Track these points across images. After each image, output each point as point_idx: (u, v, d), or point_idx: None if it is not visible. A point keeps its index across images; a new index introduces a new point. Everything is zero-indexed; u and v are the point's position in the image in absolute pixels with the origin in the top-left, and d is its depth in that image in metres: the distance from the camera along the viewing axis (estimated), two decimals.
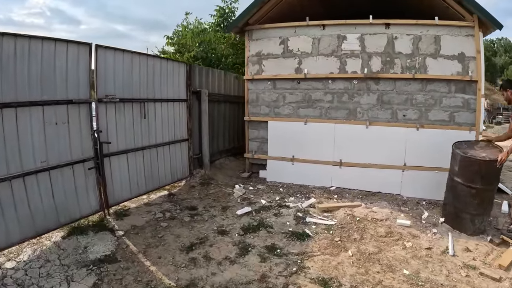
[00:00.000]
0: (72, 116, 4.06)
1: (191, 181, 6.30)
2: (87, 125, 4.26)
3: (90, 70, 4.28)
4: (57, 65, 3.87)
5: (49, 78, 3.79)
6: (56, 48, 3.86)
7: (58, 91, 3.89)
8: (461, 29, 5.07)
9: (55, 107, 3.85)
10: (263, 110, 6.33)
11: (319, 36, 5.73)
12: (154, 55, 5.36)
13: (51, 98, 3.81)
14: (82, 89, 4.17)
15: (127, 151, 4.88)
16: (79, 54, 4.13)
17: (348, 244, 3.85)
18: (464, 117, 5.21)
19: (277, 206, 5.17)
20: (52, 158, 3.77)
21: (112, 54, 4.58)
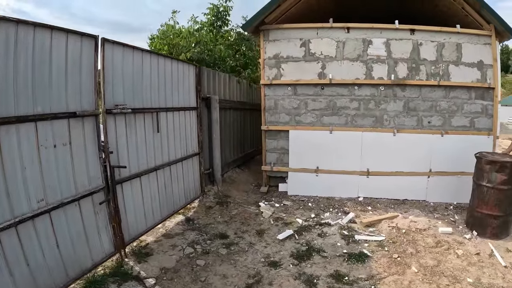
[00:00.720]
0: (74, 135, 2.63)
1: (204, 200, 5.01)
2: (94, 145, 2.84)
3: (96, 71, 2.81)
4: (54, 63, 2.44)
5: (43, 81, 2.36)
6: (53, 40, 2.42)
7: (56, 100, 2.48)
8: (479, 38, 4.83)
9: (53, 123, 2.43)
10: (283, 118, 5.34)
11: (344, 39, 4.98)
12: (164, 55, 3.97)
13: (46, 110, 2.39)
14: (86, 97, 2.75)
15: (140, 174, 3.51)
16: (82, 49, 2.70)
17: (407, 259, 3.43)
18: (483, 122, 5.01)
19: (316, 225, 4.34)
20: (51, 194, 2.41)
21: (120, 51, 3.16)
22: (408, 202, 5.12)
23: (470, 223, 4.10)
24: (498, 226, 3.80)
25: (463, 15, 4.84)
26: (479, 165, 4.02)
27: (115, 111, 2.98)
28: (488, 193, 3.83)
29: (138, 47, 3.43)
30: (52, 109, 2.37)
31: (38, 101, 2.25)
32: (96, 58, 2.78)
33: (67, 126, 2.51)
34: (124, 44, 3.20)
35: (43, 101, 2.29)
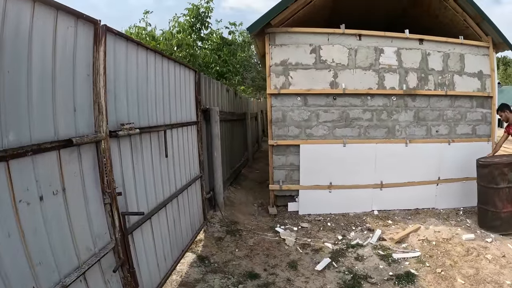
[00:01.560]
0: (69, 175, 1.62)
1: (210, 230, 4.09)
2: (96, 187, 1.87)
3: (98, 75, 1.83)
4: (35, 58, 1.43)
5: (14, 91, 1.32)
6: (34, 21, 1.40)
7: (37, 122, 1.43)
8: (479, 49, 4.80)
9: (35, 161, 1.40)
10: (292, 131, 4.66)
11: (356, 47, 4.53)
12: (168, 56, 3.02)
13: (23, 140, 1.35)
14: (82, 114, 1.77)
15: (150, 215, 2.50)
16: (77, 39, 1.71)
17: (450, 272, 3.31)
18: (483, 129, 4.98)
19: (348, 247, 3.86)
20: (45, 276, 1.40)
21: (123, 48, 2.21)
22: (420, 211, 4.91)
23: (496, 226, 4.05)
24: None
25: (463, 26, 4.76)
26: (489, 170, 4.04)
27: (121, 133, 1.99)
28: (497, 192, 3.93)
29: (143, 44, 2.46)
30: (34, 137, 1.35)
31: (9, 125, 1.24)
32: (98, 54, 1.80)
33: (57, 162, 1.49)
34: (128, 38, 2.22)
35: (16, 124, 1.27)
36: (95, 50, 1.78)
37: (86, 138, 1.61)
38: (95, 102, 1.78)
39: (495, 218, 4.01)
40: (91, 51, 1.78)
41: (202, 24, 6.99)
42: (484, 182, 4.10)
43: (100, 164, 1.80)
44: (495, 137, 5.04)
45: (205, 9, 6.82)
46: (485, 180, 4.06)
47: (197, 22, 6.89)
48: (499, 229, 4.01)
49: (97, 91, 1.78)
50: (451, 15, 4.75)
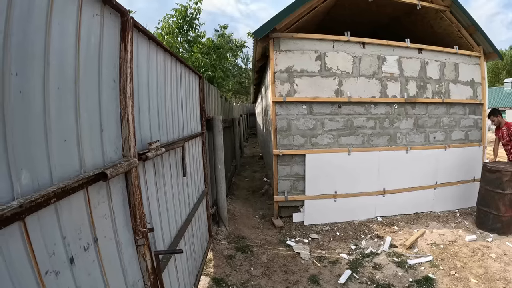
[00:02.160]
0: (100, 219, 1.22)
1: (218, 247, 3.74)
2: (127, 226, 1.45)
3: (124, 80, 1.43)
4: (53, 56, 1.01)
5: (31, 105, 0.91)
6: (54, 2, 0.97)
7: (59, 151, 1.01)
8: (471, 58, 4.94)
9: (61, 208, 0.98)
10: (297, 140, 4.41)
11: (360, 55, 4.42)
12: (181, 58, 2.60)
13: (42, 181, 0.95)
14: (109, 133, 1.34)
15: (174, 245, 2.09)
16: (103, 32, 1.31)
17: (462, 273, 3.37)
18: (475, 135, 5.13)
19: (363, 257, 3.77)
20: None
21: (145, 47, 1.84)
22: (421, 215, 4.95)
23: (497, 228, 4.18)
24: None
25: (457, 37, 4.88)
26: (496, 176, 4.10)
27: (150, 154, 1.58)
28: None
29: (162, 44, 2.05)
30: (55, 174, 0.94)
31: (19, 161, 0.82)
32: (125, 55, 1.38)
33: (86, 206, 1.08)
34: (150, 36, 1.82)
35: (30, 158, 0.86)
36: (123, 49, 1.38)
37: (120, 168, 1.21)
38: (124, 117, 1.37)
39: (497, 221, 4.16)
40: (117, 50, 1.38)
41: (190, 26, 6.53)
42: (490, 186, 4.17)
43: (131, 197, 1.38)
44: (486, 141, 5.23)
45: (194, 10, 6.37)
46: (492, 185, 4.14)
47: (184, 23, 6.42)
48: (499, 232, 4.16)
49: (125, 102, 1.37)
50: (446, 26, 4.85)
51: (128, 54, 1.40)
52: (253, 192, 6.55)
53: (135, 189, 1.43)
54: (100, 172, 1.09)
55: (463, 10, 4.56)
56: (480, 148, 5.15)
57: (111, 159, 1.28)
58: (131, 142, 1.40)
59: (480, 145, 5.16)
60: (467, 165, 5.09)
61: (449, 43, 5.00)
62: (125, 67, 1.38)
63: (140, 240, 1.46)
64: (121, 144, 1.37)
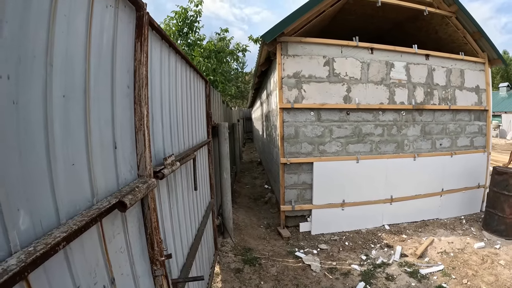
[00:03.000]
0: (116, 254, 0.97)
1: (224, 260, 3.51)
2: (143, 257, 1.21)
3: (140, 86, 1.19)
4: (58, 54, 0.78)
5: (30, 117, 0.67)
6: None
7: (66, 179, 0.77)
8: (476, 64, 4.86)
9: (72, 251, 0.75)
10: (305, 148, 4.21)
11: (368, 60, 4.27)
12: (190, 62, 2.37)
13: (46, 221, 0.70)
14: (123, 150, 1.10)
15: (187, 266, 1.85)
16: (117, 28, 1.06)
17: (474, 281, 3.29)
18: (479, 141, 5.03)
19: (375, 267, 3.61)
20: None
21: (158, 49, 1.61)
22: (428, 223, 4.82)
23: (500, 230, 4.15)
24: None
25: (462, 43, 4.79)
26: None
27: (166, 171, 1.34)
28: None
29: (175, 45, 1.82)
30: (62, 209, 0.72)
31: (16, 198, 0.59)
32: (141, 56, 1.16)
33: (100, 243, 0.84)
34: (163, 35, 1.59)
35: (31, 192, 0.63)
36: (139, 50, 1.15)
37: (139, 193, 0.98)
38: (139, 130, 1.14)
39: (501, 223, 4.10)
40: (131, 50, 1.15)
41: (190, 29, 6.31)
42: (497, 188, 4.16)
43: (147, 222, 1.15)
44: (490, 147, 5.13)
45: (194, 13, 6.15)
46: (499, 186, 4.12)
47: (184, 26, 6.19)
48: (502, 234, 4.11)
49: (141, 112, 1.15)
50: (451, 32, 4.76)
51: (144, 55, 1.18)
52: (255, 200, 6.31)
53: (151, 213, 1.20)
54: (117, 201, 0.86)
55: (469, 16, 4.48)
56: (484, 154, 5.06)
57: (125, 181, 1.05)
58: (147, 159, 1.17)
59: (485, 151, 5.06)
60: (472, 172, 4.98)
61: (453, 49, 4.91)
62: (140, 70, 1.15)
63: (158, 270, 1.23)
64: (135, 162, 1.14)
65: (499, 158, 7.59)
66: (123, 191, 0.96)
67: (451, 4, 4.57)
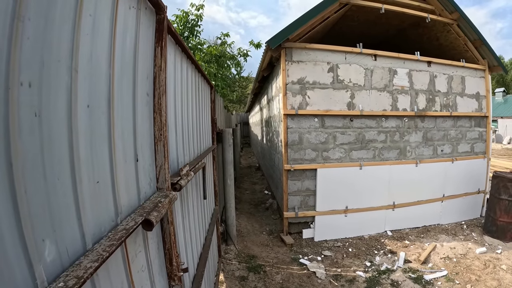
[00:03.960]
0: (138, 275, 0.88)
1: (228, 268, 3.43)
2: (161, 273, 1.15)
3: (160, 94, 1.11)
4: (83, 57, 0.70)
5: (51, 133, 0.59)
6: None
7: (92, 200, 0.69)
8: (476, 71, 4.89)
9: (98, 279, 0.64)
10: (309, 155, 4.16)
11: (372, 67, 4.26)
12: (199, 67, 2.31)
13: (72, 248, 0.63)
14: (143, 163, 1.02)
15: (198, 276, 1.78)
16: (139, 30, 0.98)
17: (477, 286, 3.30)
18: (480, 147, 5.05)
19: (379, 274, 3.58)
20: None
21: (172, 54, 1.52)
22: (429, 228, 4.80)
23: (492, 231, 4.27)
24: None
25: (463, 50, 4.83)
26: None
27: (182, 182, 1.27)
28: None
29: (187, 50, 1.75)
30: (88, 232, 0.65)
31: (41, 225, 0.51)
32: (161, 62, 1.09)
33: (124, 265, 0.77)
34: (178, 40, 1.53)
35: (57, 219, 0.55)
36: (159, 55, 1.08)
37: (163, 208, 0.90)
38: (159, 140, 1.07)
39: (493, 225, 4.22)
40: (151, 55, 1.08)
41: (191, 33, 6.25)
42: (492, 191, 4.25)
43: (166, 237, 1.08)
44: (490, 153, 5.15)
45: (195, 17, 6.09)
46: (493, 189, 4.22)
47: (185, 30, 6.13)
48: (493, 235, 4.20)
49: (160, 122, 1.08)
50: (452, 39, 4.80)
51: (164, 60, 1.11)
52: (256, 206, 6.23)
53: (170, 227, 1.12)
54: (142, 219, 0.79)
55: (471, 24, 4.52)
56: (484, 160, 5.08)
57: (146, 195, 0.98)
58: (166, 171, 1.10)
59: (485, 157, 5.08)
60: (472, 177, 4.99)
61: (453, 56, 4.94)
62: (160, 77, 1.09)
63: (176, 286, 1.15)
64: (155, 174, 1.07)
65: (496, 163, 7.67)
66: (146, 207, 0.89)
67: (453, 11, 4.61)
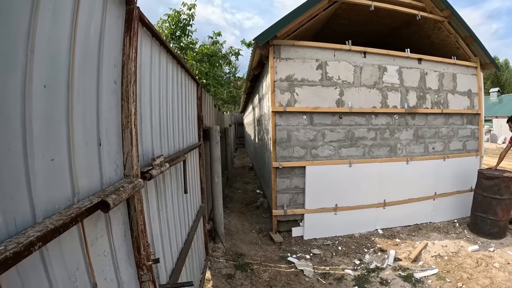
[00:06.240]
0: (99, 258, 0.96)
1: (216, 266, 3.47)
2: (129, 261, 1.18)
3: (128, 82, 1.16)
4: (40, 43, 0.75)
5: (4, 114, 0.62)
6: None
7: (45, 176, 0.75)
8: (468, 69, 4.99)
9: (49, 253, 0.72)
10: (297, 152, 4.22)
11: (361, 64, 4.34)
12: (182, 62, 2.35)
13: (20, 220, 0.67)
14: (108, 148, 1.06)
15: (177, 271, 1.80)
16: (106, 20, 1.04)
17: (469, 285, 3.33)
18: (472, 144, 5.15)
19: (369, 272, 3.63)
20: None
21: (148, 45, 1.59)
22: (421, 226, 4.87)
23: (494, 233, 4.29)
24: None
25: (455, 47, 4.93)
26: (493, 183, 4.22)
27: (154, 172, 1.31)
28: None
29: (165, 43, 1.80)
30: (39, 207, 0.70)
31: None
32: (130, 51, 1.14)
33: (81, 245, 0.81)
34: (154, 33, 1.57)
35: (5, 192, 0.59)
36: (127, 44, 1.13)
37: (124, 193, 0.95)
38: (126, 127, 1.11)
39: (495, 226, 4.22)
40: (120, 45, 1.13)
41: (182, 32, 6.31)
42: (487, 193, 4.26)
43: (134, 226, 1.12)
44: (482, 151, 5.25)
45: (187, 16, 6.16)
46: (490, 191, 4.22)
47: (177, 29, 6.19)
48: (495, 236, 4.23)
49: (128, 109, 1.12)
50: (444, 36, 4.90)
51: (133, 50, 1.16)
52: (247, 205, 6.27)
53: (138, 215, 1.16)
54: (99, 201, 0.83)
55: (462, 21, 4.62)
56: (477, 158, 5.17)
57: (110, 180, 1.02)
58: (134, 159, 1.14)
59: (477, 155, 5.18)
60: (464, 175, 5.07)
61: (445, 54, 5.03)
62: (129, 65, 1.13)
63: (145, 275, 1.19)
64: (122, 161, 1.11)
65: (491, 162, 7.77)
66: (107, 191, 0.93)
67: (444, 9, 4.71)
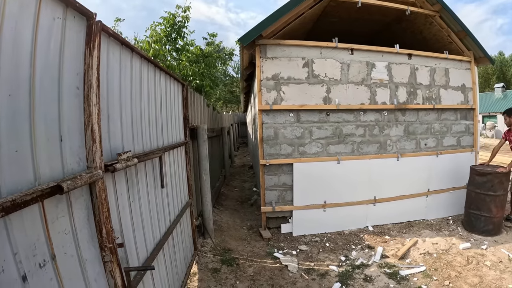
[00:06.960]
0: (59, 235, 1.20)
1: (203, 260, 3.72)
2: (92, 242, 1.44)
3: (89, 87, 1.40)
4: (4, 60, 1.01)
5: None
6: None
7: (8, 162, 1.02)
8: (462, 63, 5.08)
9: (11, 222, 0.98)
10: (285, 149, 4.42)
11: (348, 61, 4.50)
12: (160, 66, 2.61)
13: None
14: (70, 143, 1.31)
15: (151, 260, 2.03)
16: (65, 37, 1.34)
17: (457, 283, 3.38)
18: (467, 140, 5.23)
19: (353, 268, 3.77)
20: None
21: (117, 53, 1.85)
22: (413, 224, 4.99)
23: (489, 230, 4.38)
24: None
25: (447, 42, 5.02)
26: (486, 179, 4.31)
27: (118, 166, 1.55)
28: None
29: (137, 50, 2.05)
30: (4, 187, 0.92)
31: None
32: (91, 60, 1.37)
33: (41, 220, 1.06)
34: (123, 42, 1.82)
35: None
36: (88, 55, 1.37)
37: (80, 180, 1.18)
38: (87, 126, 1.35)
39: (489, 223, 4.32)
40: (82, 56, 1.38)
41: (178, 34, 6.59)
42: (481, 189, 4.34)
43: (96, 211, 1.36)
44: (478, 147, 5.33)
45: (182, 18, 6.44)
46: (483, 187, 4.30)
47: (173, 31, 6.48)
48: (490, 233, 4.31)
49: (89, 111, 1.36)
50: (436, 31, 5.00)
51: (94, 59, 1.40)
52: (242, 203, 6.51)
53: (101, 203, 1.40)
54: (55, 185, 1.07)
55: (453, 15, 4.71)
56: (472, 154, 5.25)
57: (72, 171, 1.26)
58: (96, 153, 1.38)
59: (473, 151, 5.26)
60: (459, 171, 5.14)
61: (439, 49, 5.13)
62: (89, 73, 1.37)
63: (107, 256, 1.43)
64: (85, 155, 1.35)
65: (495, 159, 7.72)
66: (65, 178, 1.17)
67: (435, 3, 4.81)
